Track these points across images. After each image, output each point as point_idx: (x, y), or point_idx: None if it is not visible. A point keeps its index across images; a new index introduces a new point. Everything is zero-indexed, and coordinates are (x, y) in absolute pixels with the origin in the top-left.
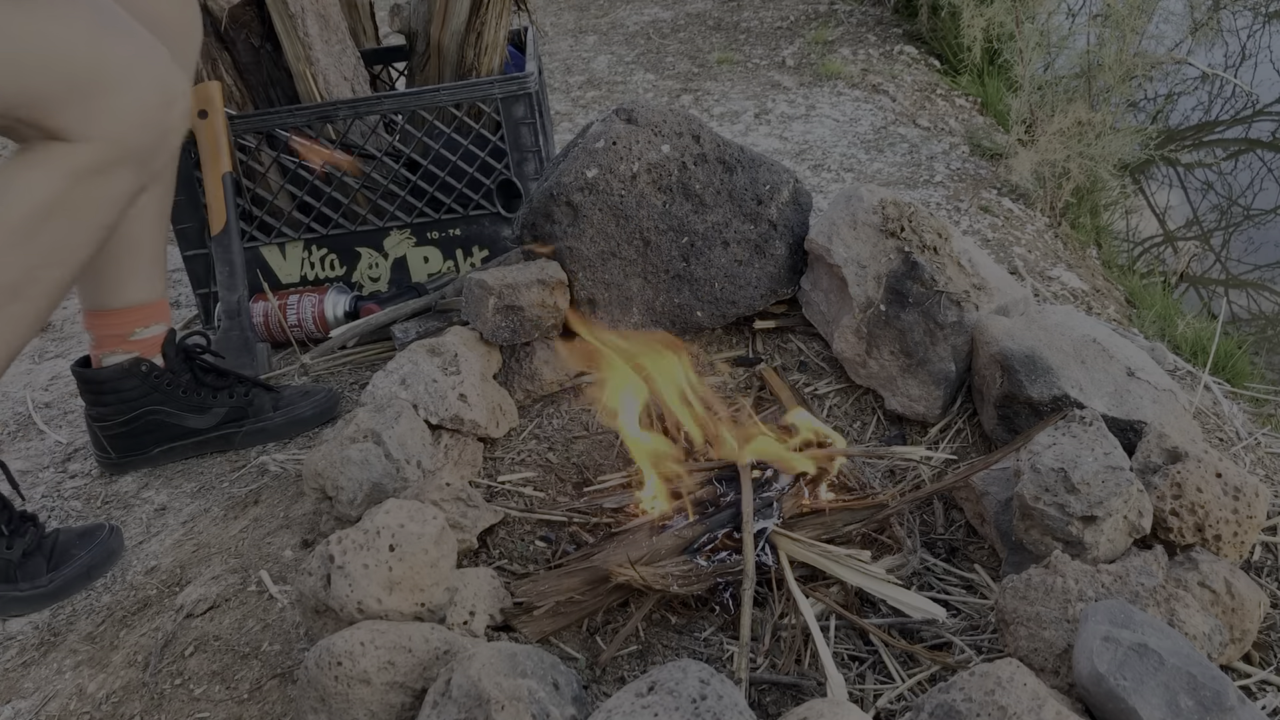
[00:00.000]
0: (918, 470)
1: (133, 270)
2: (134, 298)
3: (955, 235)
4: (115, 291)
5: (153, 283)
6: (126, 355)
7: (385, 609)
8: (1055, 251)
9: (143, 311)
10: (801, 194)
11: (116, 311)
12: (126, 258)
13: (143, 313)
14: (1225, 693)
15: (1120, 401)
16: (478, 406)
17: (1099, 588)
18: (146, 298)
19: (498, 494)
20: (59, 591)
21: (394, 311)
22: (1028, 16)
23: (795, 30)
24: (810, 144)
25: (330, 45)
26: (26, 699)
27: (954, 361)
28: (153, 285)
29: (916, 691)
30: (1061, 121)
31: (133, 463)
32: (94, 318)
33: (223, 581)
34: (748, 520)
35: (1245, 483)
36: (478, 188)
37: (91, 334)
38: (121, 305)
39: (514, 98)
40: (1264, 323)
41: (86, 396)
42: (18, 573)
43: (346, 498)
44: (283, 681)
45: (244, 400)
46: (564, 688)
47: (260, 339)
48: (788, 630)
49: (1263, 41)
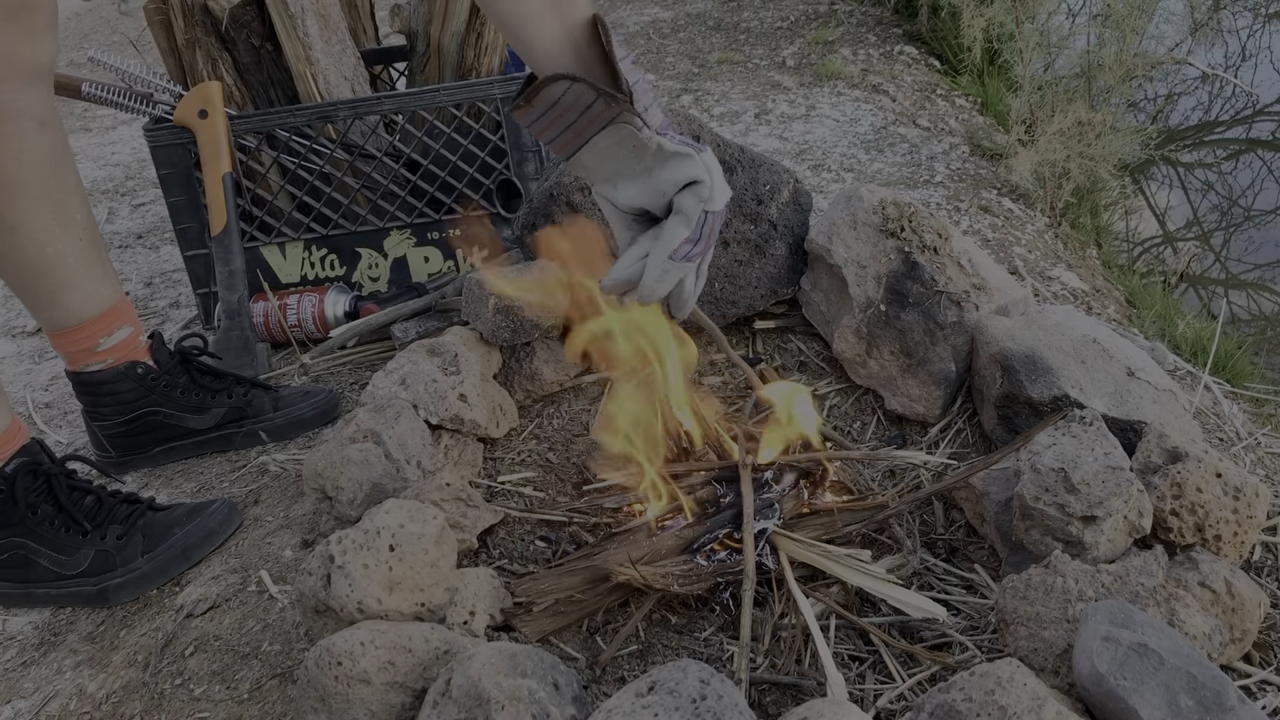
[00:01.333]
0: (918, 471)
1: (71, 284)
2: (84, 312)
3: (955, 235)
4: (63, 310)
5: (100, 290)
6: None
7: (385, 609)
8: (1055, 251)
9: (99, 322)
10: (801, 194)
11: (72, 330)
12: (57, 277)
13: (100, 323)
14: (1225, 693)
15: (1120, 401)
16: (478, 406)
17: (1099, 588)
18: (97, 307)
19: (498, 494)
20: (156, 574)
21: (394, 311)
22: (1028, 17)
23: (795, 30)
24: (810, 144)
25: (330, 45)
26: (26, 699)
27: (954, 361)
28: (100, 294)
29: (917, 691)
30: (1061, 122)
31: (133, 462)
32: (56, 339)
33: (223, 581)
34: (748, 521)
35: (1245, 483)
36: (478, 188)
37: (61, 353)
38: (75, 322)
39: (514, 98)
40: (1264, 323)
41: (84, 399)
42: (116, 559)
43: (346, 498)
44: (283, 681)
45: (243, 400)
46: (564, 688)
47: (260, 339)
48: (787, 630)
49: (1263, 42)
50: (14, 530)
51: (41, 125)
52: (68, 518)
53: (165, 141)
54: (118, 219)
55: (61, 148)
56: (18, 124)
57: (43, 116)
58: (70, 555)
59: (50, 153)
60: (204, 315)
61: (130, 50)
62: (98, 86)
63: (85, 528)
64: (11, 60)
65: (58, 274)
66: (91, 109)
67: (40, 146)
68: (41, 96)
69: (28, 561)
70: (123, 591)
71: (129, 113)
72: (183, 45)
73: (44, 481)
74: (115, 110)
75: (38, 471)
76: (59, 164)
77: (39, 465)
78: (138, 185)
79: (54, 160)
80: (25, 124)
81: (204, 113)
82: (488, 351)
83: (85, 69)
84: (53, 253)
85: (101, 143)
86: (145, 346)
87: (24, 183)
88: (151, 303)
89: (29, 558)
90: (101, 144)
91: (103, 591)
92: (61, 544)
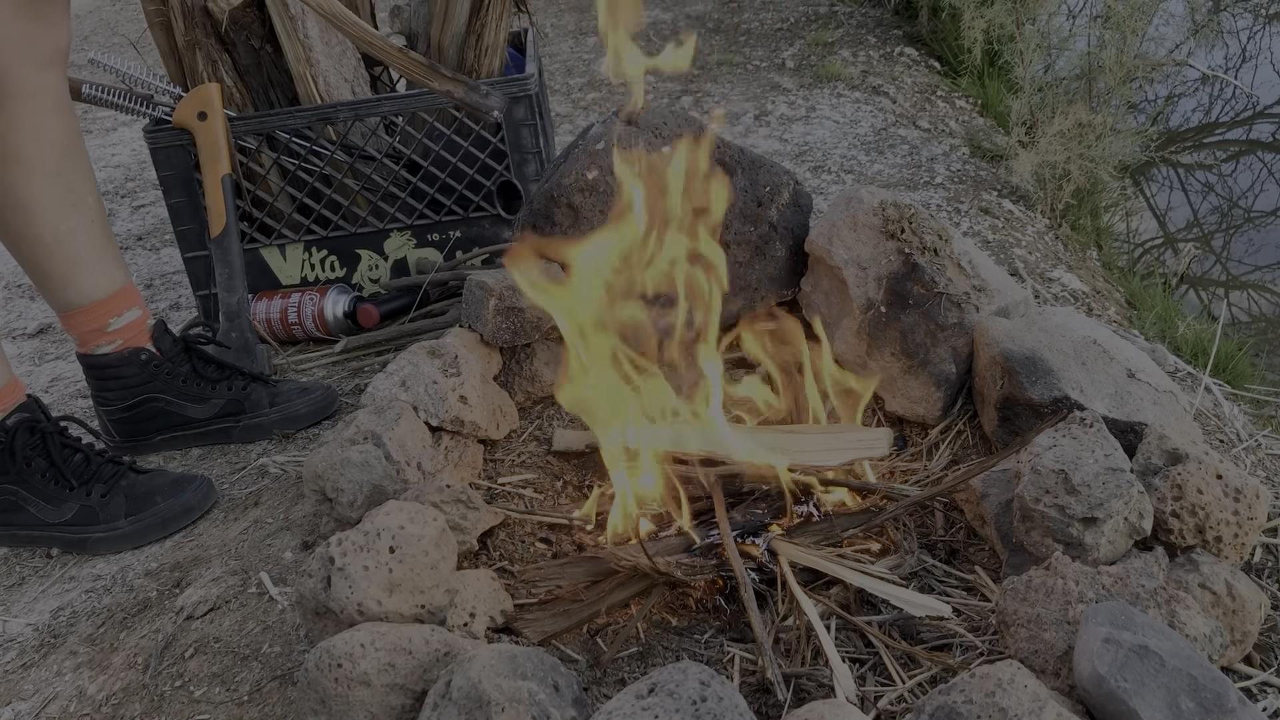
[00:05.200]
0: (917, 473)
1: (82, 263)
2: (94, 292)
3: (956, 237)
4: (75, 289)
5: (109, 272)
6: (110, 345)
7: (385, 611)
8: (1055, 253)
9: (109, 303)
10: (802, 195)
11: (83, 309)
12: (70, 255)
13: (110, 303)
14: (1226, 694)
15: (1121, 403)
16: (478, 408)
17: (1099, 589)
18: (108, 288)
19: (498, 496)
20: (134, 536)
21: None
22: (1028, 18)
23: (795, 32)
24: (810, 146)
25: (330, 47)
26: (26, 700)
27: (954, 363)
28: (110, 275)
29: (917, 693)
30: (1062, 123)
31: (136, 448)
32: (67, 319)
33: (223, 583)
34: (725, 533)
35: (1246, 484)
36: (478, 189)
37: (72, 334)
38: (86, 302)
39: (514, 99)
40: (1264, 324)
41: (92, 383)
42: (99, 514)
43: (346, 499)
44: (283, 683)
45: (241, 394)
46: (564, 689)
47: (260, 340)
48: (787, 631)
49: (1263, 43)
50: (8, 478)
51: (57, 108)
52: (57, 472)
53: (165, 143)
54: (118, 221)
55: (74, 132)
56: (35, 102)
57: (58, 99)
58: (56, 506)
59: (64, 135)
60: (204, 317)
61: (130, 52)
62: (98, 88)
63: (72, 483)
64: (32, 40)
65: (70, 252)
66: (91, 110)
67: (55, 127)
68: (58, 80)
69: (17, 507)
70: (102, 545)
71: (129, 114)
72: (183, 47)
73: (40, 438)
74: (115, 112)
75: (35, 428)
76: (72, 147)
77: (37, 423)
78: (138, 187)
79: (67, 143)
80: (42, 103)
81: (203, 114)
82: (488, 353)
83: (85, 70)
84: (65, 231)
85: (101, 144)
86: (150, 332)
87: (39, 161)
88: (152, 304)
89: (18, 504)
90: (101, 145)
91: (84, 540)
92: (50, 494)
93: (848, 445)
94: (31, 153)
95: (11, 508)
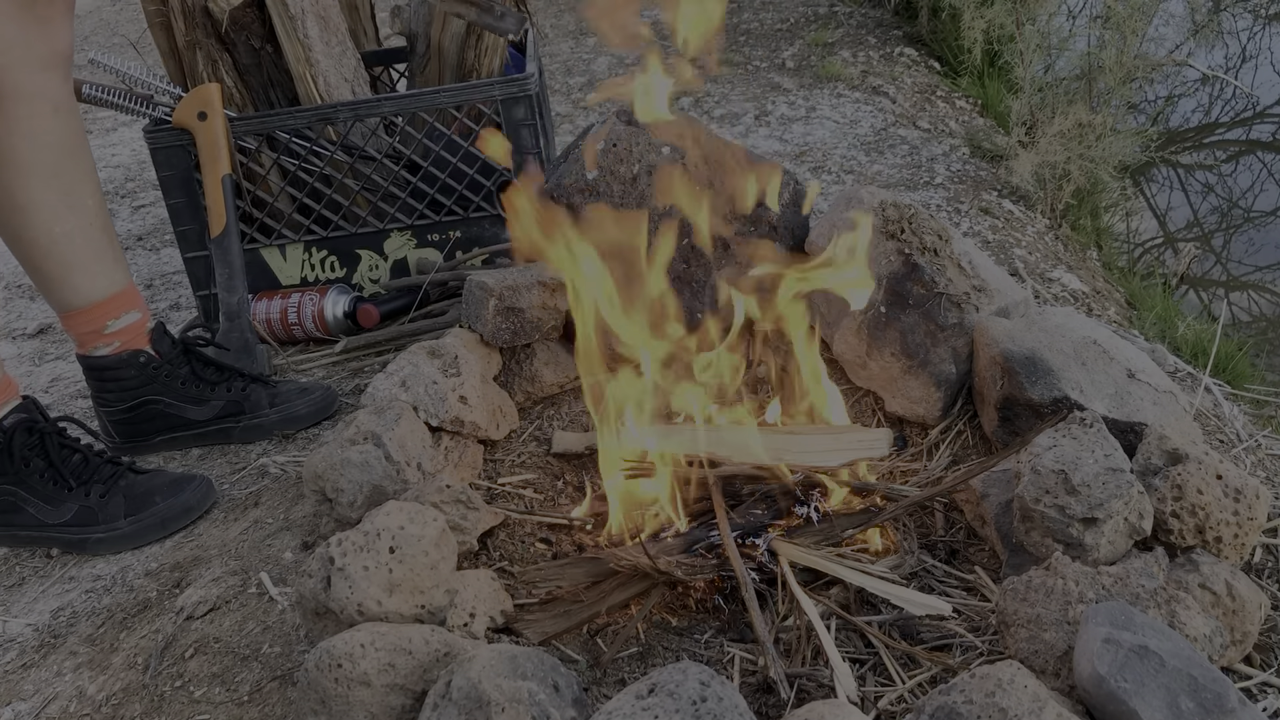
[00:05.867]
0: (917, 473)
1: (79, 266)
2: (92, 295)
3: (955, 237)
4: (72, 290)
5: (108, 275)
6: (109, 347)
7: (385, 611)
8: (1055, 253)
9: (107, 305)
10: (802, 196)
11: (81, 311)
12: (66, 258)
13: (108, 306)
14: (1226, 695)
15: (1121, 403)
16: (478, 408)
17: (1099, 589)
18: (105, 291)
19: (498, 496)
20: (134, 536)
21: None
22: (1028, 18)
23: (795, 32)
24: (810, 146)
25: (330, 47)
26: (26, 701)
27: (954, 363)
28: (109, 278)
29: (917, 693)
30: (1062, 123)
31: (136, 449)
32: (67, 320)
33: (223, 584)
34: (726, 533)
35: (1246, 484)
36: (478, 189)
37: (71, 335)
38: (83, 304)
39: (514, 99)
40: (1264, 324)
41: (91, 384)
42: (99, 515)
43: (346, 500)
44: (283, 684)
45: (240, 395)
46: (564, 690)
47: (260, 340)
48: (787, 631)
49: (1263, 43)
50: (7, 479)
51: (55, 110)
52: (56, 473)
53: (165, 143)
54: (118, 221)
55: (76, 134)
56: (31, 106)
57: (57, 102)
58: (56, 506)
59: (63, 137)
60: (204, 317)
61: (130, 52)
62: (98, 88)
63: (71, 484)
64: (28, 44)
65: (65, 255)
66: (91, 110)
67: (53, 130)
68: (57, 82)
69: (16, 508)
70: (102, 545)
71: (129, 114)
72: (183, 47)
73: (38, 438)
74: (115, 112)
75: (33, 429)
76: (72, 150)
77: (35, 423)
78: (138, 187)
79: (67, 145)
80: (38, 107)
81: (203, 115)
82: (488, 353)
83: (86, 70)
84: (60, 233)
85: (101, 144)
86: (149, 334)
87: (35, 164)
88: (152, 304)
89: (18, 504)
90: (101, 146)
91: (84, 541)
92: (49, 495)
93: (848, 446)
94: (27, 155)
95: (11, 508)
